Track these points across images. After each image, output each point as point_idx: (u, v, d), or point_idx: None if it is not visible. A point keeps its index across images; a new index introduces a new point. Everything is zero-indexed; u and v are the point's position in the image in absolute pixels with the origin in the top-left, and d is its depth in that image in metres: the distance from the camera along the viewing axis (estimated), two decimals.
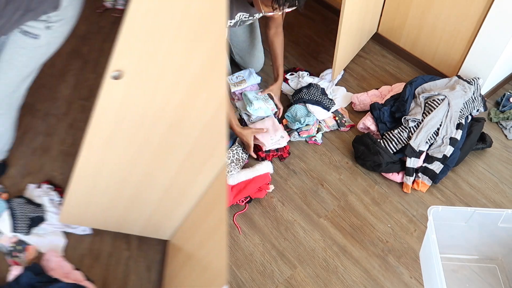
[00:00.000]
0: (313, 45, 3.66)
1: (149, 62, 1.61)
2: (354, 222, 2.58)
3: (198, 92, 1.72)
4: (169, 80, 1.67)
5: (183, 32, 1.52)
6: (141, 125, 1.85)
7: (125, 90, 1.70)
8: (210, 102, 1.75)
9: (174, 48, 1.57)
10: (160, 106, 1.77)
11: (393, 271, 2.39)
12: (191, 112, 1.79)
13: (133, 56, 1.59)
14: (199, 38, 1.54)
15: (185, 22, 1.49)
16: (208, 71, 1.64)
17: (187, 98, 1.74)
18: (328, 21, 3.85)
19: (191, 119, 1.81)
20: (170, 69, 1.63)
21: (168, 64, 1.62)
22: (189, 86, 1.70)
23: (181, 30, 1.51)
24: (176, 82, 1.68)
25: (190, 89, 1.70)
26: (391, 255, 2.44)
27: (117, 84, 1.67)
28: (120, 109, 1.77)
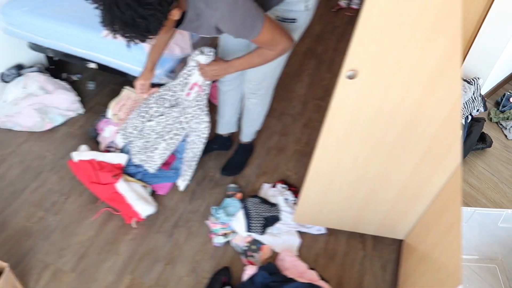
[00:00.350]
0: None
1: (383, 61, 1.72)
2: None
3: (433, 90, 1.79)
4: (403, 79, 1.77)
5: (418, 30, 1.61)
6: (375, 124, 1.97)
7: (360, 89, 1.84)
8: (445, 101, 1.82)
9: (409, 47, 1.66)
10: (395, 105, 1.87)
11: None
12: (426, 110, 1.87)
13: (367, 55, 1.72)
14: (434, 36, 1.62)
15: (420, 21, 1.58)
16: (443, 69, 1.71)
17: (422, 97, 1.82)
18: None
19: (426, 117, 1.89)
20: (404, 67, 1.73)
21: (402, 62, 1.72)
22: (424, 85, 1.78)
23: (416, 28, 1.61)
24: (410, 80, 1.77)
25: (424, 87, 1.78)
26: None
27: (351, 84, 1.81)
28: (355, 108, 1.91)
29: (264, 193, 2.90)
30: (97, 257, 2.52)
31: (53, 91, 3.25)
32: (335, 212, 2.50)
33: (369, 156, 2.12)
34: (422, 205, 2.32)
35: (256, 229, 2.61)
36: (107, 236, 2.61)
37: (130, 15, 1.65)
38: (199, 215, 2.77)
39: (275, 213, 2.69)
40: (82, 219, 2.69)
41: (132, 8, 1.63)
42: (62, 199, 2.79)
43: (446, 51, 1.64)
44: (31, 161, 3.02)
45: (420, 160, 2.08)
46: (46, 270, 2.45)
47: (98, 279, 2.43)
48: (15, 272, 2.38)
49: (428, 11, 1.54)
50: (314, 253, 2.61)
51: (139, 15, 1.66)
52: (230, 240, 2.63)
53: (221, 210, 2.70)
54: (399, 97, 1.82)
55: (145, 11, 1.66)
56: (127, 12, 1.64)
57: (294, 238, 2.66)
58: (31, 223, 2.66)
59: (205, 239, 2.64)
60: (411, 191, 2.25)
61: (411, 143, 2.00)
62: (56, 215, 2.70)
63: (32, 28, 3.07)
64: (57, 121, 3.25)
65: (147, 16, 1.68)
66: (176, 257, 2.54)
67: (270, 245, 2.62)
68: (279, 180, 2.97)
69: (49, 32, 3.03)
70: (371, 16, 1.59)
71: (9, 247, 2.54)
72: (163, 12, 1.72)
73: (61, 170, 2.96)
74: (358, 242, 2.67)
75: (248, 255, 2.57)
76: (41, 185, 2.87)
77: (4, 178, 2.90)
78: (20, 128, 3.19)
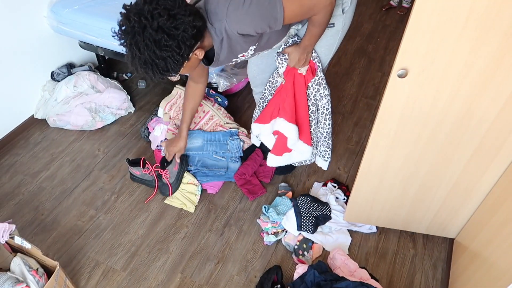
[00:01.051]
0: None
1: (433, 59, 1.79)
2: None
3: (484, 88, 1.84)
4: (454, 77, 1.83)
5: (469, 28, 1.67)
6: (426, 122, 2.04)
7: (410, 88, 1.91)
8: (497, 98, 1.87)
9: (459, 45, 1.73)
10: (446, 103, 1.94)
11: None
12: (477, 108, 1.92)
13: (418, 54, 1.79)
14: (485, 35, 1.67)
15: (471, 19, 1.64)
16: (494, 68, 1.76)
17: (473, 95, 1.88)
18: None
19: (478, 115, 1.95)
20: (455, 66, 1.79)
21: (453, 61, 1.78)
22: (475, 84, 1.83)
23: (467, 26, 1.67)
24: (461, 79, 1.83)
25: (476, 86, 1.84)
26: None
27: (402, 82, 1.89)
28: (406, 106, 1.99)
29: (314, 192, 2.96)
30: (148, 256, 2.65)
31: (103, 90, 3.39)
32: (385, 210, 2.57)
33: (420, 154, 2.18)
34: (474, 202, 2.36)
35: (307, 228, 2.67)
36: (157, 235, 2.74)
37: (148, 56, 1.78)
38: (250, 213, 2.86)
39: (326, 212, 2.74)
40: (133, 218, 2.83)
41: (150, 49, 1.76)
42: (113, 198, 2.94)
43: (498, 49, 1.69)
44: (82, 160, 3.19)
45: (472, 157, 2.12)
46: (97, 268, 2.59)
47: (149, 278, 2.55)
48: (66, 270, 2.54)
49: (479, 9, 1.59)
50: (364, 251, 2.67)
51: (157, 56, 1.78)
52: (281, 238, 2.71)
53: (272, 208, 2.78)
54: (450, 96, 1.88)
55: (162, 52, 1.78)
56: (146, 52, 1.77)
57: (345, 237, 2.71)
58: (82, 221, 2.81)
59: (256, 237, 2.74)
60: (462, 188, 2.30)
61: (462, 140, 2.05)
62: (107, 214, 2.85)
63: (83, 26, 3.19)
64: (108, 120, 3.41)
65: (166, 57, 1.80)
66: (227, 256, 2.65)
67: (321, 243, 2.68)
68: (329, 179, 3.04)
69: (100, 30, 3.14)
70: (422, 14, 1.65)
71: (60, 245, 2.70)
72: (181, 54, 1.83)
73: (112, 169, 3.12)
74: (409, 241, 2.72)
75: (299, 254, 2.63)
76: (92, 184, 3.03)
77: (55, 176, 3.08)
78: (71, 127, 3.37)
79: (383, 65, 4.03)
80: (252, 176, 3.03)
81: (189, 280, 2.55)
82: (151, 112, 3.51)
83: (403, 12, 4.66)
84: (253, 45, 2.11)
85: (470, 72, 1.79)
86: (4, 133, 3.32)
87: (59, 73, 3.48)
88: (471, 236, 2.38)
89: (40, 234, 2.76)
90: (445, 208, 2.46)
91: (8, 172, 3.13)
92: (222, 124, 3.18)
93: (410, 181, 2.34)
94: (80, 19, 3.19)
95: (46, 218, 2.84)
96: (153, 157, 3.19)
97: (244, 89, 3.77)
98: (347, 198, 2.84)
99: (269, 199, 2.96)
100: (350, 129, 3.44)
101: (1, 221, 2.59)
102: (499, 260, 1.93)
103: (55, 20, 3.26)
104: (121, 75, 3.90)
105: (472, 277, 2.19)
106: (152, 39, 1.74)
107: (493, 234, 2.09)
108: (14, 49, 3.17)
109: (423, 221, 2.59)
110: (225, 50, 2.05)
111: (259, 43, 2.13)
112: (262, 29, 1.96)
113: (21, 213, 2.86)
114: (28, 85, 3.38)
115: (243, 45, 2.06)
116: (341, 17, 2.28)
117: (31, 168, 3.15)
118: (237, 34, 1.95)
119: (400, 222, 2.65)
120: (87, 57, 3.78)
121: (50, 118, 3.38)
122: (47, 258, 2.26)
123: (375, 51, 4.19)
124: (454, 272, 2.47)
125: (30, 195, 2.97)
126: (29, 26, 3.22)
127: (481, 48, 1.70)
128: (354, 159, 3.20)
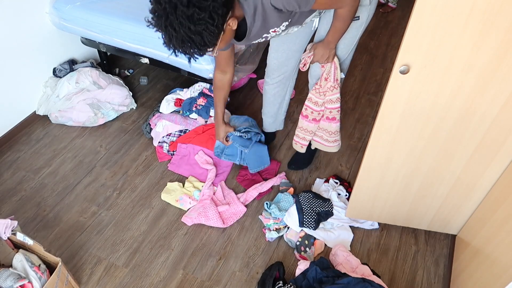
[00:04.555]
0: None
1: (435, 56, 1.80)
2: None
3: (486, 85, 1.85)
4: (456, 74, 1.84)
5: (471, 25, 1.67)
6: (428, 119, 2.04)
7: (412, 84, 1.91)
8: (499, 95, 1.87)
9: (461, 42, 1.73)
10: (447, 100, 1.94)
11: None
12: (479, 105, 1.93)
13: (420, 50, 1.80)
14: (487, 32, 1.68)
15: (472, 16, 1.64)
16: (496, 64, 1.77)
17: (475, 92, 1.88)
18: None
19: (480, 112, 1.95)
20: (457, 62, 1.80)
21: (455, 57, 1.78)
22: (477, 80, 1.84)
23: (469, 23, 1.67)
24: (463, 75, 1.83)
25: (478, 82, 1.84)
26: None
27: (404, 79, 1.90)
28: (408, 103, 1.99)
29: (316, 188, 2.96)
30: (150, 252, 2.65)
31: (105, 86, 3.41)
32: (387, 207, 2.57)
33: (422, 151, 2.18)
34: (476, 199, 2.36)
35: (309, 224, 2.67)
36: (159, 231, 2.74)
37: (184, 33, 1.78)
38: (251, 210, 2.86)
39: (328, 208, 2.74)
40: (135, 214, 2.84)
41: (185, 26, 1.77)
42: (115, 194, 2.95)
43: (501, 45, 1.69)
44: (84, 156, 3.19)
45: (474, 153, 2.12)
46: (99, 265, 2.60)
47: (151, 274, 2.55)
48: (68, 267, 2.55)
49: (482, 5, 1.59)
50: (366, 248, 2.68)
51: (192, 32, 1.79)
52: (283, 235, 2.72)
53: (274, 205, 2.78)
54: (452, 92, 1.88)
55: (197, 26, 1.78)
56: (181, 30, 1.77)
57: (347, 233, 2.71)
58: (84, 218, 2.82)
59: (258, 234, 2.74)
60: (464, 184, 2.30)
61: (464, 136, 2.06)
62: (109, 210, 2.86)
63: (85, 22, 3.21)
64: (110, 116, 3.41)
65: (201, 31, 1.80)
66: (229, 252, 2.65)
67: (323, 240, 2.68)
68: (331, 175, 3.04)
69: (102, 26, 3.16)
70: (424, 11, 1.65)
71: (62, 242, 2.70)
72: (215, 25, 1.83)
73: (114, 165, 3.13)
74: (411, 237, 2.72)
75: (300, 250, 2.64)
76: (94, 180, 3.04)
77: (57, 173, 3.09)
78: (73, 123, 3.37)
79: (385, 61, 4.04)
80: (255, 175, 3.04)
81: (191, 276, 2.55)
82: (153, 108, 3.52)
83: (387, 11, 4.65)
84: (286, 21, 2.14)
85: (472, 68, 1.79)
86: (6, 130, 3.32)
87: (61, 70, 3.49)
88: (473, 233, 2.38)
89: (42, 230, 2.76)
90: (447, 205, 2.46)
91: (10, 168, 3.14)
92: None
93: (412, 177, 2.35)
94: (82, 15, 3.20)
95: (48, 214, 2.84)
96: (155, 154, 3.20)
97: (246, 85, 3.78)
98: (349, 195, 2.86)
99: (271, 195, 2.96)
100: (352, 125, 3.44)
101: (3, 217, 2.60)
102: (501, 256, 1.94)
103: (57, 16, 3.27)
104: (123, 71, 3.91)
105: (474, 273, 2.19)
106: (185, 15, 1.75)
107: (495, 230, 2.09)
108: (17, 46, 3.17)
109: (425, 217, 2.60)
110: (258, 22, 2.07)
111: (292, 20, 2.16)
112: (292, 7, 1.98)
113: (23, 209, 2.87)
114: (30, 81, 3.38)
115: (276, 20, 2.09)
116: (366, 8, 2.31)
117: (33, 165, 3.16)
118: (271, 7, 1.98)
119: (402, 219, 2.66)
120: (89, 54, 3.79)
121: (52, 114, 3.38)
122: (49, 254, 2.26)
123: (377, 47, 4.20)
124: (456, 268, 2.47)
125: (32, 191, 2.98)
126: (31, 23, 3.23)
127: (483, 44, 1.70)
128: (356, 155, 3.20)
